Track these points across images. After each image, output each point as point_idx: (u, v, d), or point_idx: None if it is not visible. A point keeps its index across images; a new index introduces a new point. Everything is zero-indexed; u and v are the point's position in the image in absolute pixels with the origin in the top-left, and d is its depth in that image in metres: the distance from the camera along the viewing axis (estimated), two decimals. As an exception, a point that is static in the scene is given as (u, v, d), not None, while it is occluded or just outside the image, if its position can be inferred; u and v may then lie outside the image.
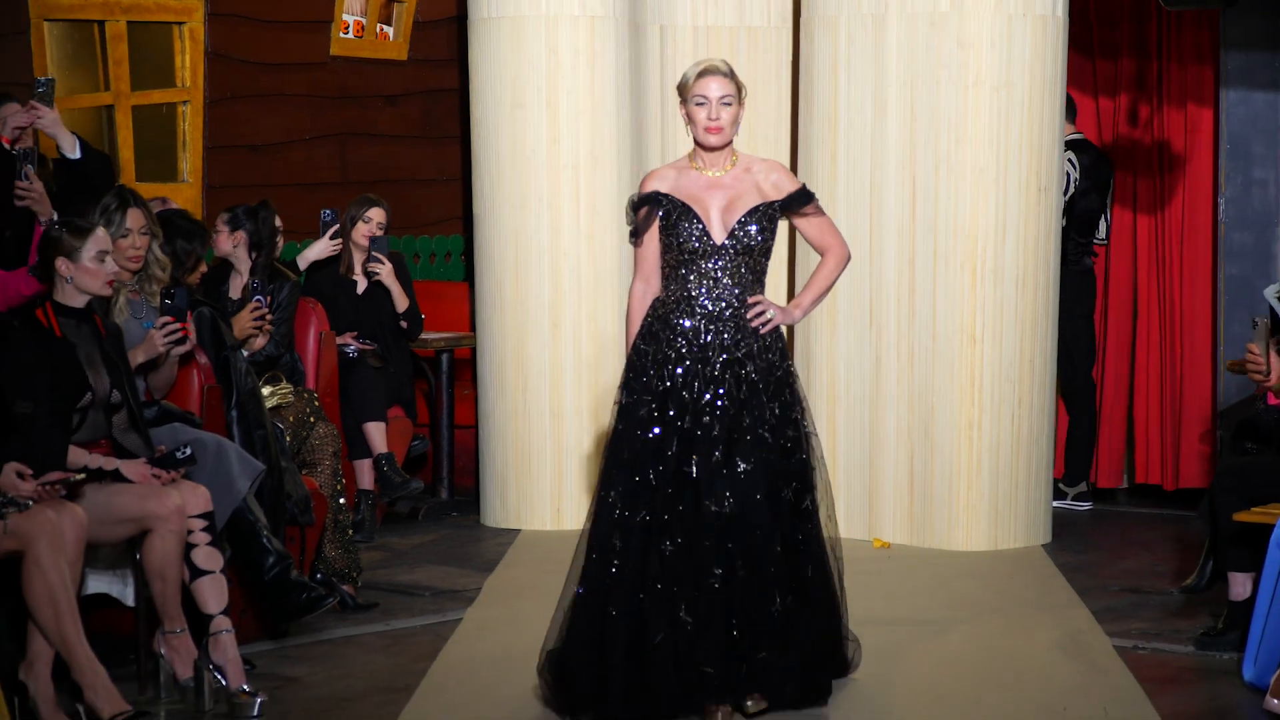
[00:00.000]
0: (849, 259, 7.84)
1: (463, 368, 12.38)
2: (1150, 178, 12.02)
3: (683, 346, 7.48)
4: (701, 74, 7.55)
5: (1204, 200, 11.87)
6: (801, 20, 11.26)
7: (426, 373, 12.23)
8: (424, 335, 11.86)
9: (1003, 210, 10.58)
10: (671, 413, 7.41)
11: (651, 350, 7.53)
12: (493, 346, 11.44)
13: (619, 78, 11.27)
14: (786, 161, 11.50)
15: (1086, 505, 11.97)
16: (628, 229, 7.74)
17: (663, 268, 7.63)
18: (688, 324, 7.49)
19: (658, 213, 7.57)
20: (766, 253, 7.62)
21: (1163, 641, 8.73)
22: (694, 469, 7.32)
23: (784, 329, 7.74)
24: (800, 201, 7.65)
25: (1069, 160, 11.39)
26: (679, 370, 7.45)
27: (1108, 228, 11.94)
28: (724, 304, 7.50)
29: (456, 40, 13.06)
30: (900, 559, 10.47)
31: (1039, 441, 10.80)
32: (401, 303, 11.52)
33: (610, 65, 11.24)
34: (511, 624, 8.97)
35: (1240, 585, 8.48)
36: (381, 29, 13.54)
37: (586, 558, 7.44)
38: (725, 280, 7.50)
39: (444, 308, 12.65)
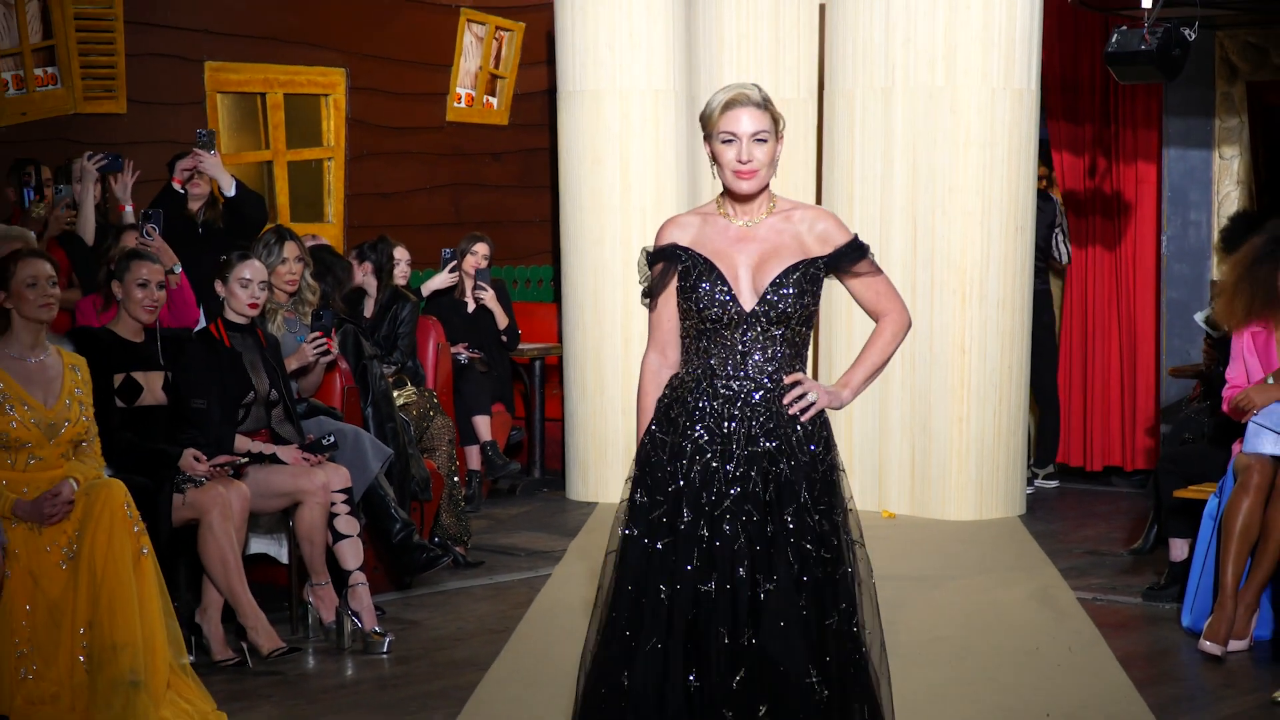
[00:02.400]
0: (909, 327, 5.29)
1: (551, 372, 12.36)
2: (1107, 219, 11.95)
3: (701, 436, 5.04)
4: (729, 105, 5.05)
5: (1150, 238, 11.81)
6: (825, 93, 11.23)
7: (523, 376, 12.22)
8: (520, 346, 11.86)
9: (987, 246, 10.54)
10: (686, 519, 5.00)
11: (669, 440, 5.08)
12: (576, 356, 11.43)
13: (678, 139, 11.24)
14: (812, 209, 11.41)
15: (1054, 483, 11.90)
16: (640, 287, 5.28)
17: (682, 336, 5.18)
18: (707, 407, 5.05)
19: (675, 270, 5.13)
20: (808, 320, 5.11)
21: (1116, 594, 8.69)
22: (712, 588, 4.93)
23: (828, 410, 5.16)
24: (851, 257, 5.13)
25: None
26: (696, 467, 5.02)
27: (1069, 254, 11.90)
28: (752, 384, 5.04)
29: (548, 109, 13.07)
30: (903, 527, 10.43)
31: (1015, 432, 10.74)
32: (502, 320, 11.53)
33: (671, 129, 11.22)
34: (591, 578, 8.91)
35: (1179, 549, 8.44)
36: (487, 100, 13.56)
37: (590, 690, 5.10)
38: (755, 355, 5.05)
39: (536, 324, 12.65)
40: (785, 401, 5.04)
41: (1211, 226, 11.48)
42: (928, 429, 10.65)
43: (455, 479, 9.60)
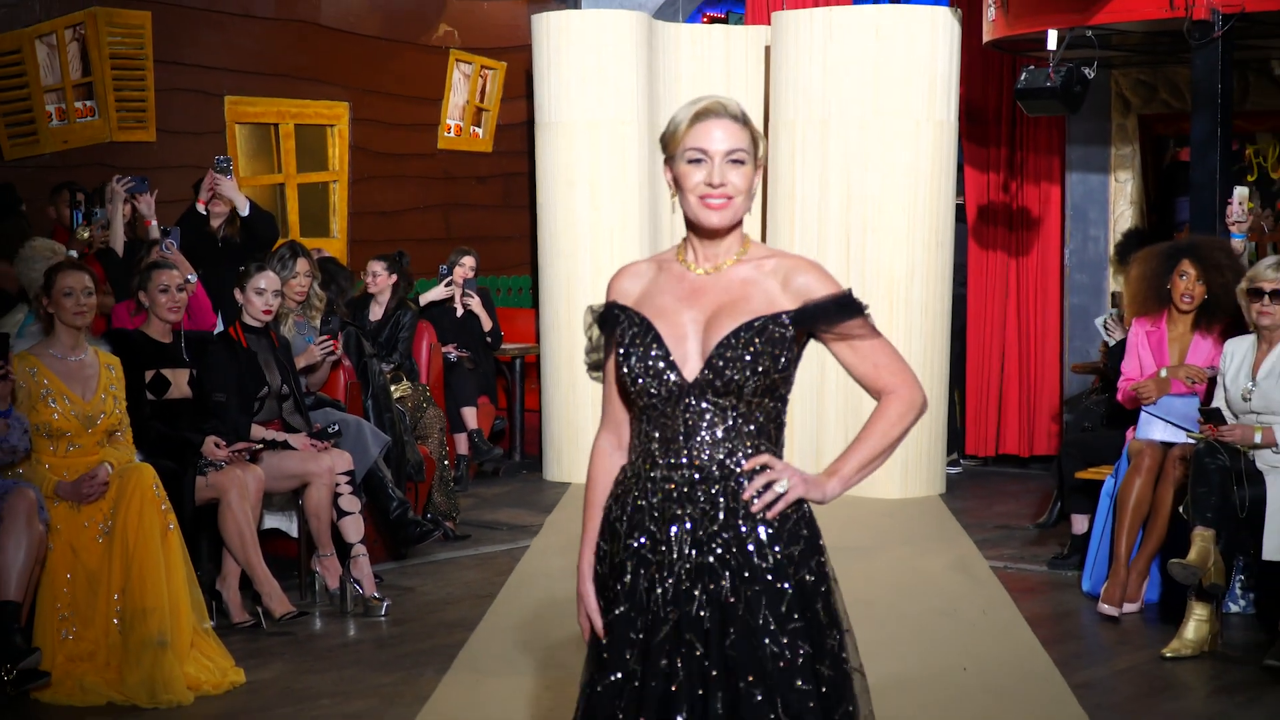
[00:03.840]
0: (923, 407, 3.53)
1: (530, 369, 12.35)
2: (1017, 234, 11.96)
3: (643, 544, 3.48)
4: (699, 116, 3.46)
5: (1054, 250, 11.83)
6: (769, 124, 11.22)
7: (505, 372, 12.20)
8: (503, 346, 11.85)
9: (911, 259, 10.55)
10: (631, 655, 3.43)
11: (609, 553, 3.57)
12: (551, 354, 11.42)
13: (641, 165, 11.24)
14: (756, 230, 11.35)
15: (957, 470, 11.90)
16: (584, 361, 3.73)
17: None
18: (645, 504, 3.49)
19: (615, 334, 3.56)
20: (771, 391, 3.45)
21: (1024, 563, 8.71)
22: None
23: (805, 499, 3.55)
24: (836, 314, 3.45)
25: None
26: (642, 583, 3.45)
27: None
28: (697, 474, 3.43)
29: (527, 138, 13.05)
30: (837, 504, 10.26)
31: (936, 421, 10.77)
32: (487, 324, 11.51)
33: (635, 156, 11.21)
34: (565, 550, 8.94)
35: (1080, 523, 8.47)
36: (474, 130, 13.53)
37: None
38: (702, 434, 3.42)
39: (517, 327, 12.64)
40: (746, 496, 3.42)
41: (1108, 241, 11.51)
42: (860, 417, 10.64)
43: (445, 463, 9.60)
